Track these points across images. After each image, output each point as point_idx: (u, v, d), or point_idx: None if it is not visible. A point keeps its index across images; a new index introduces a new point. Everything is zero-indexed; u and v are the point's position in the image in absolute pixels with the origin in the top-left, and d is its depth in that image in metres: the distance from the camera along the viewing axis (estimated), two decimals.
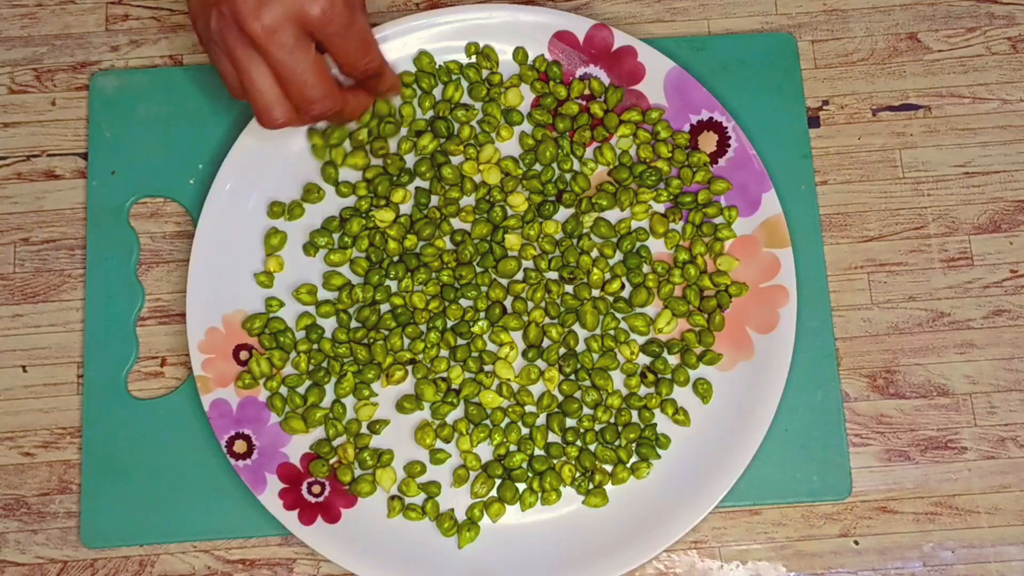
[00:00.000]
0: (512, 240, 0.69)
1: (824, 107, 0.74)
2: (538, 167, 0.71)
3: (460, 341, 0.69)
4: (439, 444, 0.68)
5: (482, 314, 0.69)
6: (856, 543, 0.68)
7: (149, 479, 0.69)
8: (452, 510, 0.68)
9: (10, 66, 0.75)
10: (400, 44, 0.72)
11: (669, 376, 0.69)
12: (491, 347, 0.69)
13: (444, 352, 0.69)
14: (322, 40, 0.62)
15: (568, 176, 0.71)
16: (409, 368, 0.69)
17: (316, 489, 0.67)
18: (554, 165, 0.71)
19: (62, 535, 0.69)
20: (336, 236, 0.70)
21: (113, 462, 0.69)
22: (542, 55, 0.72)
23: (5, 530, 0.69)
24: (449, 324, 0.69)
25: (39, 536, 0.69)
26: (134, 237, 0.72)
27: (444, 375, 0.69)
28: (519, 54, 0.72)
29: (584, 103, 0.72)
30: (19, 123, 0.74)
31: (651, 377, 0.68)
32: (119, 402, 0.70)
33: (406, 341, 0.69)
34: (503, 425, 0.68)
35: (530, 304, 0.69)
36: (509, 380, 0.68)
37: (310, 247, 0.70)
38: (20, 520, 0.69)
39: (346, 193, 0.71)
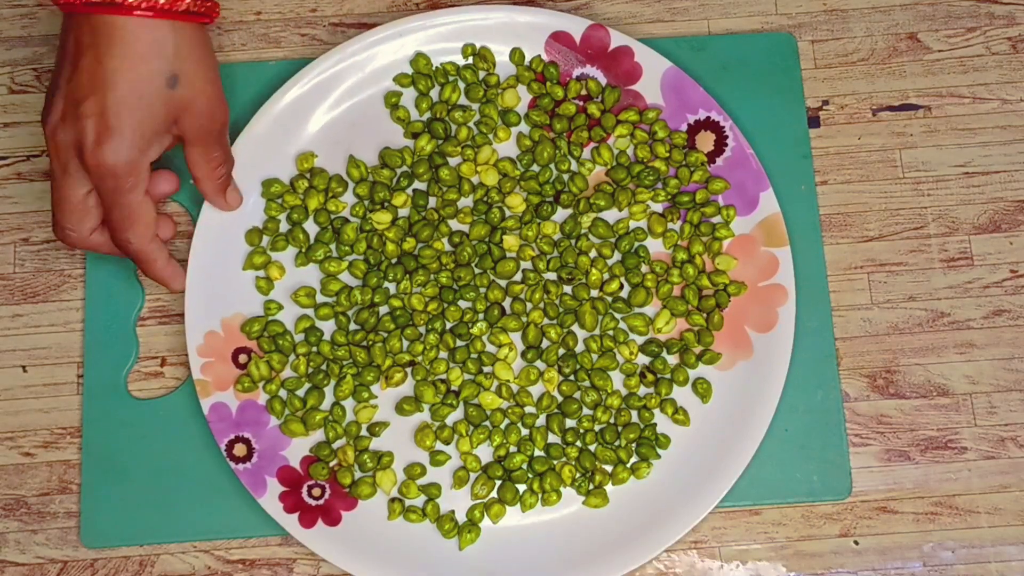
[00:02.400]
0: (510, 241, 0.69)
1: (824, 107, 0.74)
2: (536, 168, 0.71)
3: (459, 343, 0.69)
4: (439, 446, 0.68)
5: (481, 315, 0.69)
6: (856, 543, 0.68)
7: (149, 479, 0.69)
8: (452, 511, 0.68)
9: (10, 66, 0.75)
10: (397, 45, 0.72)
11: (668, 376, 0.69)
12: (490, 348, 0.69)
13: (443, 354, 0.69)
14: (97, 191, 0.63)
15: (566, 177, 0.71)
16: (408, 370, 0.69)
17: (316, 492, 0.67)
18: (552, 166, 0.71)
19: (62, 535, 0.69)
20: (332, 246, 0.70)
21: (113, 462, 0.69)
22: (539, 56, 0.72)
23: (5, 530, 0.69)
24: (448, 326, 0.69)
25: (39, 536, 0.69)
26: None
27: (443, 377, 0.69)
28: (515, 55, 0.72)
29: (581, 103, 0.72)
30: (19, 123, 0.74)
31: (650, 377, 0.68)
32: (119, 402, 0.70)
33: (405, 343, 0.69)
34: (503, 427, 0.68)
35: (529, 305, 0.69)
36: (508, 381, 0.68)
37: (303, 257, 0.70)
38: (20, 520, 0.69)
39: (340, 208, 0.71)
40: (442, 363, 0.68)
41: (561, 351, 0.69)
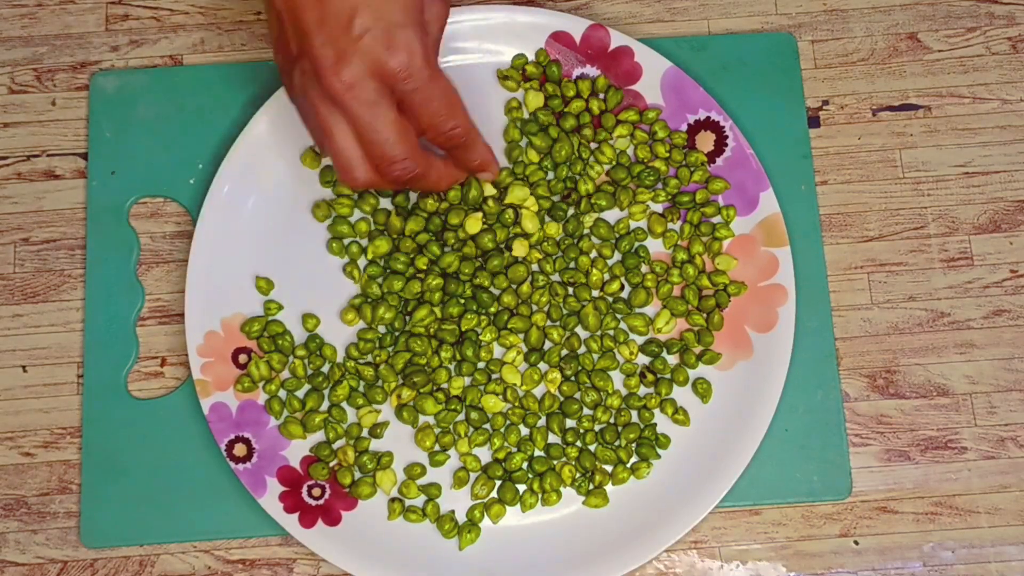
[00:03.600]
0: (519, 246, 0.69)
1: (824, 107, 0.74)
2: (549, 175, 0.71)
3: (468, 352, 0.68)
4: (439, 446, 0.68)
5: (491, 318, 0.69)
6: (856, 543, 0.68)
7: (149, 479, 0.69)
8: (452, 512, 0.68)
9: (10, 66, 0.75)
10: None
11: (668, 376, 0.69)
12: (496, 352, 0.69)
13: (449, 364, 0.69)
14: (403, 98, 0.60)
15: (577, 176, 0.71)
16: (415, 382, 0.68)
17: (316, 492, 0.68)
18: (568, 164, 0.71)
19: (62, 535, 0.69)
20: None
21: (113, 462, 0.69)
22: (542, 49, 0.72)
23: (5, 530, 0.69)
24: (460, 331, 0.69)
25: (39, 536, 0.69)
26: (134, 237, 0.72)
27: (444, 386, 0.68)
28: (520, 56, 0.72)
29: (585, 102, 0.72)
30: (19, 123, 0.74)
31: (650, 377, 0.68)
32: (119, 402, 0.70)
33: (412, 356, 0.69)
34: (503, 429, 0.68)
35: (533, 307, 0.69)
36: (515, 385, 0.68)
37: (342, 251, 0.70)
38: (20, 520, 0.69)
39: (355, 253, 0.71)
40: (444, 373, 0.68)
41: (564, 352, 0.69)
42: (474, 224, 0.68)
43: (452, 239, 0.69)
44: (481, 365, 0.69)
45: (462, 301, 0.68)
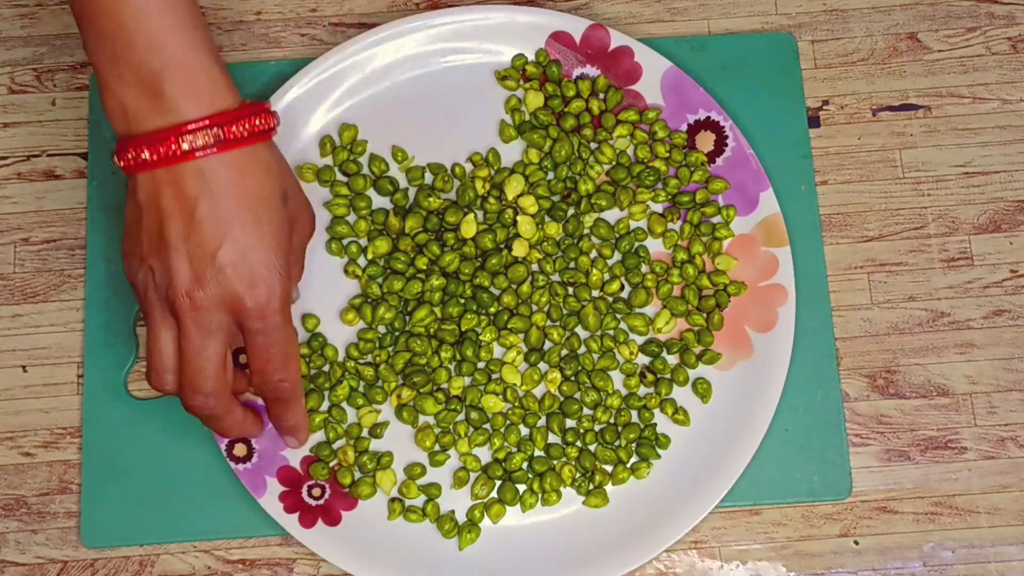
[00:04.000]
0: (520, 246, 0.69)
1: (824, 107, 0.74)
2: (549, 175, 0.71)
3: (468, 352, 0.68)
4: (438, 447, 0.68)
5: (491, 318, 0.69)
6: (856, 543, 0.68)
7: (149, 479, 0.69)
8: (452, 511, 0.68)
9: (10, 66, 0.75)
10: (397, 45, 0.72)
11: (668, 376, 0.69)
12: (496, 352, 0.69)
13: (449, 364, 0.69)
14: (246, 335, 0.59)
15: (576, 176, 0.71)
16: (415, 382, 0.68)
17: (316, 492, 0.67)
18: (568, 164, 0.71)
19: (62, 535, 0.69)
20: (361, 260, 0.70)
21: (113, 462, 0.69)
22: (542, 49, 0.72)
23: (5, 530, 0.69)
24: (460, 331, 0.69)
25: (39, 536, 0.69)
26: None
27: (444, 386, 0.68)
28: (520, 57, 0.72)
29: (585, 101, 0.72)
30: (19, 123, 0.74)
31: (650, 377, 0.68)
32: (119, 402, 0.70)
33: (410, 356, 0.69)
34: (503, 429, 0.68)
35: (533, 307, 0.69)
36: (515, 385, 0.68)
37: (344, 255, 0.70)
38: (20, 520, 0.69)
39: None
40: (444, 372, 0.68)
41: (564, 352, 0.69)
42: (469, 227, 0.68)
43: (452, 239, 0.69)
44: (481, 365, 0.69)
45: (462, 301, 0.68)
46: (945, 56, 0.74)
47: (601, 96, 0.72)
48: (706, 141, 0.71)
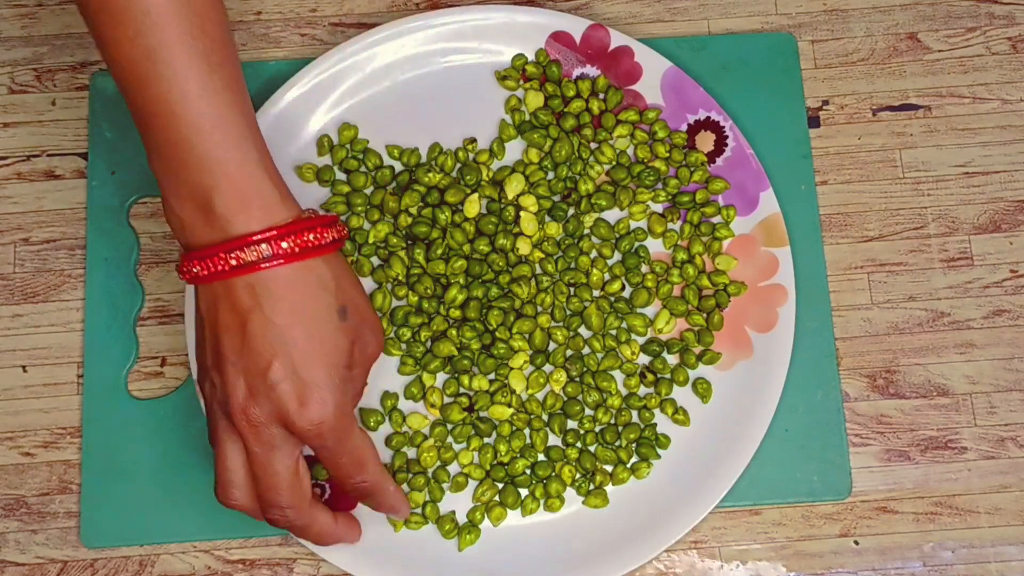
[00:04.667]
0: (523, 245, 0.69)
1: (824, 107, 0.74)
2: (550, 174, 0.71)
3: (499, 350, 0.68)
4: (440, 461, 0.68)
5: (504, 313, 0.69)
6: (856, 543, 0.68)
7: (149, 479, 0.69)
8: (453, 512, 0.67)
9: (10, 66, 0.75)
10: (397, 45, 0.72)
11: (668, 376, 0.69)
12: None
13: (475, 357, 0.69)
14: (312, 449, 0.59)
15: (576, 176, 0.71)
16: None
17: (316, 492, 0.67)
18: (568, 164, 0.71)
19: (62, 535, 0.69)
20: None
21: (113, 462, 0.69)
22: (542, 49, 0.72)
23: (5, 530, 0.69)
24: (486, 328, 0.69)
25: (39, 536, 0.69)
26: (134, 237, 0.72)
27: (469, 392, 0.68)
28: (520, 57, 0.72)
29: (585, 101, 0.72)
30: (19, 123, 0.74)
31: (651, 377, 0.68)
32: (119, 402, 0.70)
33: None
34: (508, 436, 0.68)
35: (538, 308, 0.69)
36: (521, 392, 0.68)
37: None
38: (20, 520, 0.69)
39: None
40: (466, 362, 0.68)
41: (568, 352, 0.69)
42: (472, 207, 0.68)
43: (444, 219, 0.69)
44: (491, 376, 0.69)
45: (485, 282, 0.68)
46: (945, 56, 0.74)
47: (601, 96, 0.72)
48: (706, 141, 0.71)
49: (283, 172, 0.71)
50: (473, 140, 0.72)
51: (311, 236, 0.57)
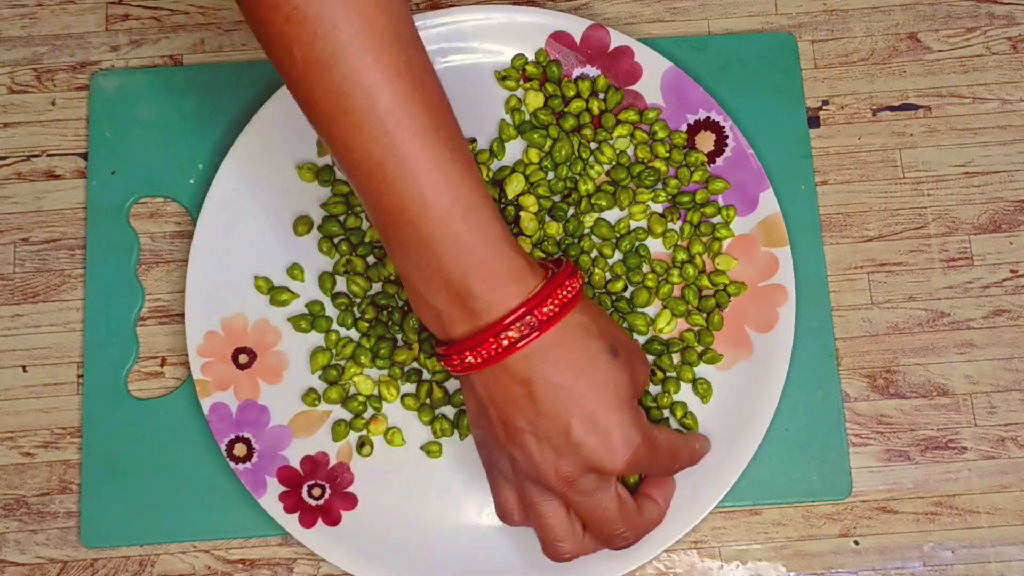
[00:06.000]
0: (523, 245, 0.69)
1: (824, 107, 0.74)
2: (550, 175, 0.71)
3: None
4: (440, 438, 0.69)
5: None
6: (856, 543, 0.68)
7: (149, 479, 0.69)
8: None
9: (10, 66, 0.75)
10: None
11: (675, 374, 0.69)
12: None
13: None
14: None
15: (576, 176, 0.71)
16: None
17: (316, 492, 0.68)
18: (568, 164, 0.71)
19: (62, 535, 0.69)
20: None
21: (113, 462, 0.69)
22: (542, 49, 0.72)
23: (5, 530, 0.69)
24: None
25: (39, 536, 0.69)
26: (134, 237, 0.72)
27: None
28: (520, 57, 0.72)
29: (585, 101, 0.72)
30: (19, 123, 0.74)
31: (659, 375, 0.68)
32: (119, 402, 0.70)
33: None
34: None
35: None
36: None
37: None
38: (20, 520, 0.69)
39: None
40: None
41: None
42: None
43: None
44: None
45: None
46: (945, 56, 0.74)
47: (601, 96, 0.72)
48: (706, 141, 0.71)
49: (283, 172, 0.71)
50: (473, 140, 0.72)
51: (564, 292, 0.57)
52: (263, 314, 0.70)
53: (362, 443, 0.68)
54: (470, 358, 0.57)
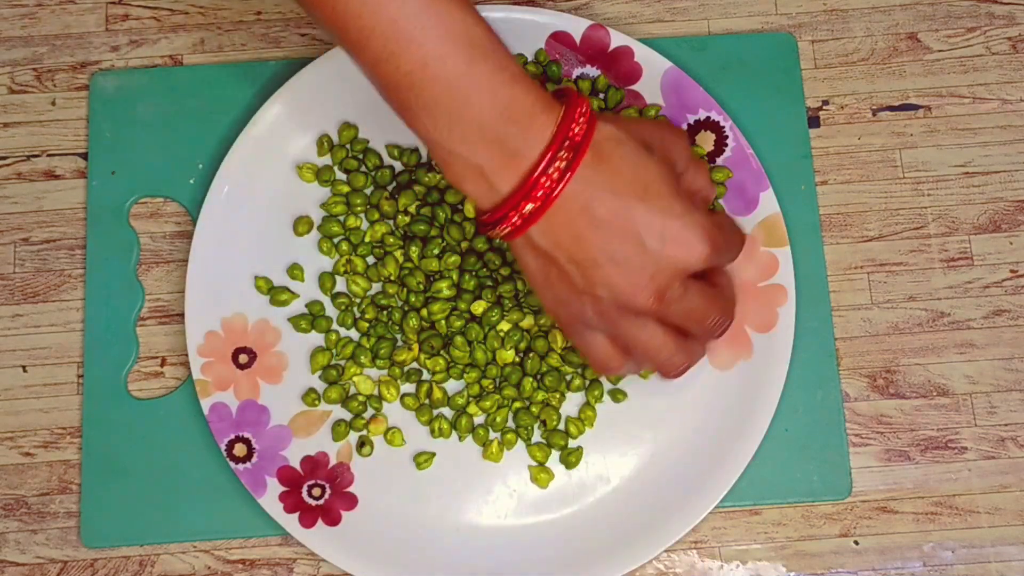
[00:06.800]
0: None
1: (824, 107, 0.74)
2: None
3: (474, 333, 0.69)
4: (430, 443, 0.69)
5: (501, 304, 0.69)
6: (856, 543, 0.68)
7: (149, 479, 0.69)
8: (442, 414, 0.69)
9: (10, 66, 0.75)
10: None
11: None
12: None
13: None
14: (718, 262, 0.60)
15: None
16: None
17: (316, 492, 0.68)
18: None
19: (62, 535, 0.69)
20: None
21: (113, 462, 0.69)
22: (541, 49, 0.72)
23: (5, 530, 0.69)
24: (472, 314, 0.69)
25: (39, 536, 0.69)
26: (134, 237, 0.72)
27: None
28: (520, 58, 0.72)
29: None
30: (19, 123, 0.74)
31: None
32: (119, 402, 0.70)
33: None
34: (478, 395, 0.69)
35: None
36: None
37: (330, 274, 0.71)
38: (20, 520, 0.69)
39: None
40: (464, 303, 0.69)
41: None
42: (471, 207, 0.69)
43: (443, 216, 0.69)
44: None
45: (475, 275, 0.68)
46: (945, 56, 0.74)
47: (601, 96, 0.72)
48: (706, 141, 0.71)
49: (283, 172, 0.71)
50: None
51: (583, 110, 0.57)
52: (263, 314, 0.70)
53: (362, 443, 0.68)
54: (528, 206, 0.56)
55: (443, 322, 0.68)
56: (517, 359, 0.69)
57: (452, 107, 0.55)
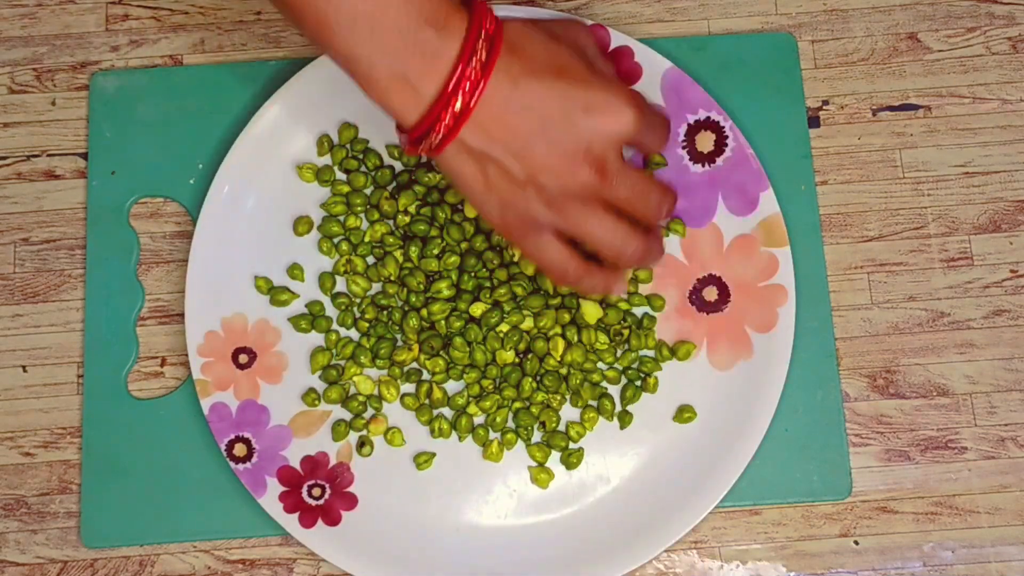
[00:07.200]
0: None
1: (824, 107, 0.74)
2: None
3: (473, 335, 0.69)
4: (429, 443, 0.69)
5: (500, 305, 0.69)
6: (856, 543, 0.68)
7: (149, 479, 0.69)
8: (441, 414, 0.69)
9: (10, 66, 0.75)
10: None
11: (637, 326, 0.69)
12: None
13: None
14: (637, 144, 0.61)
15: None
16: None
17: (316, 492, 0.68)
18: None
19: (62, 535, 0.69)
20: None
21: (113, 462, 0.69)
22: None
23: (5, 530, 0.69)
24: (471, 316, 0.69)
25: (39, 536, 0.69)
26: (134, 237, 0.72)
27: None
28: None
29: None
30: (19, 123, 0.74)
31: (624, 333, 0.69)
32: (119, 402, 0.70)
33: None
34: (477, 395, 0.69)
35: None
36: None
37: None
38: (20, 520, 0.69)
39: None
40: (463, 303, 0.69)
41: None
42: (471, 207, 0.69)
43: (443, 216, 0.69)
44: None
45: (474, 275, 0.69)
46: (945, 56, 0.74)
47: None
48: (706, 141, 0.71)
49: (283, 172, 0.71)
50: None
51: (489, 9, 0.58)
52: (263, 314, 0.70)
53: (362, 443, 0.68)
54: (458, 103, 0.57)
55: (443, 322, 0.68)
56: (516, 360, 0.69)
57: (373, 15, 0.55)
